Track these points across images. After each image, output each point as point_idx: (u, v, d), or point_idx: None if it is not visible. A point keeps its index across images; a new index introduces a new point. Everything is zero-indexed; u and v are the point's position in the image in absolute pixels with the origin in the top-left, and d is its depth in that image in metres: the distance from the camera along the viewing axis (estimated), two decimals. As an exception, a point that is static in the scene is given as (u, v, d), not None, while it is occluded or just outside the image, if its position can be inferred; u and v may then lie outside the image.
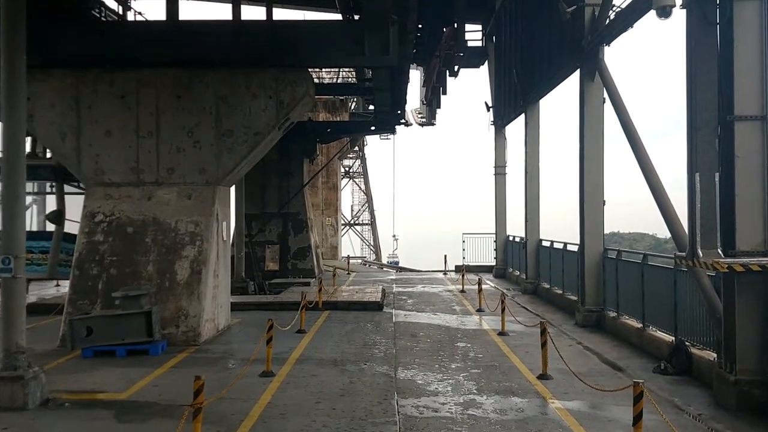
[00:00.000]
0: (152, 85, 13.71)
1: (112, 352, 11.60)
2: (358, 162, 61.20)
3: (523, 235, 22.58)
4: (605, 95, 14.17)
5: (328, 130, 27.61)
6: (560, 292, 17.79)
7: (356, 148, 57.79)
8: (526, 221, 20.88)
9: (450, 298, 19.56)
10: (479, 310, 16.78)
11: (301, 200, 26.86)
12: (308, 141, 27.32)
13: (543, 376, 9.82)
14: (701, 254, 8.43)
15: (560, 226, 27.88)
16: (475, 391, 9.18)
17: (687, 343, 10.45)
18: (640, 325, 12.30)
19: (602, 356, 11.57)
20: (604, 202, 14.61)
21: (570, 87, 21.08)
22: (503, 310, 13.70)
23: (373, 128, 27.73)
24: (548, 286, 19.16)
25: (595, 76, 14.18)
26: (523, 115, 21.38)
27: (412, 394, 9.05)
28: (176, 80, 13.71)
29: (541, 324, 10.00)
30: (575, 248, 17.03)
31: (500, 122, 25.92)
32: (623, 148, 12.55)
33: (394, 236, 53.30)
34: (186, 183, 13.52)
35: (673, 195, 11.16)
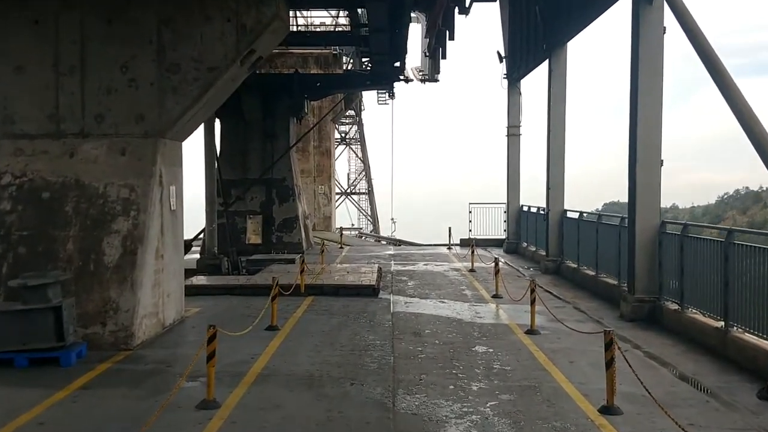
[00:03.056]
0: (76, 7, 10.39)
1: (10, 361, 8.53)
2: (355, 128, 57.80)
3: (541, 205, 19.50)
4: (666, 23, 10.99)
5: (318, 84, 24.26)
6: (592, 273, 14.70)
7: (352, 112, 54.44)
8: (548, 189, 17.69)
9: (458, 280, 16.49)
10: (496, 297, 13.70)
11: (287, 164, 23.65)
12: (295, 97, 23.99)
13: (608, 409, 6.75)
14: None
15: (578, 194, 24.70)
16: (513, 438, 6.12)
17: (805, 357, 7.39)
18: (719, 324, 9.21)
19: (675, 368, 8.51)
20: (661, 162, 11.43)
21: (601, 24, 17.43)
22: (533, 302, 10.57)
23: (369, 83, 24.40)
24: (575, 266, 16.07)
25: (656, -4, 10.90)
26: (546, 63, 18.02)
27: (419, 443, 5.99)
28: (107, -1, 10.40)
29: (606, 334, 6.86)
30: (614, 221, 14.01)
31: (515, 75, 22.56)
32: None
33: (392, 219, 50.24)
34: (119, 134, 10.29)
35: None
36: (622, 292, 12.12)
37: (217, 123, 23.86)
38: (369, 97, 57.60)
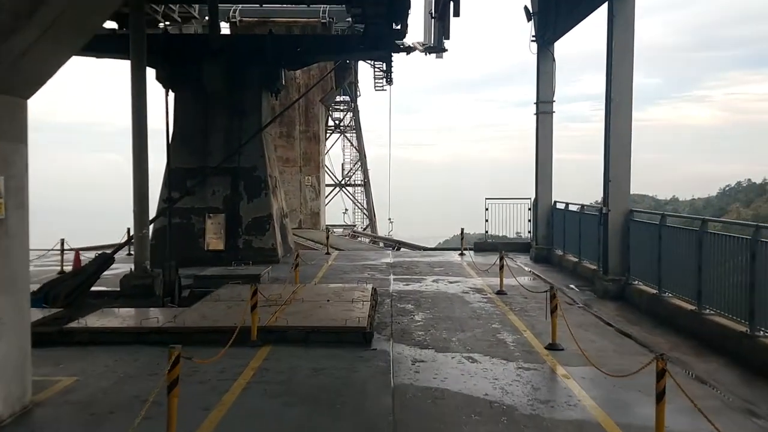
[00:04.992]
0: None
1: None
2: (350, 115, 52.87)
3: (584, 201, 14.88)
4: None
5: (299, 49, 19.28)
6: (691, 307, 9.87)
7: (347, 98, 49.62)
8: (607, 180, 12.82)
9: (485, 310, 11.63)
10: (552, 348, 8.86)
11: (258, 149, 18.76)
12: (269, 65, 19.09)
13: None
14: None
15: (571, 185, 19.55)
16: None
17: None
18: None
19: None
20: None
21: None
22: (662, 395, 5.65)
23: (362, 47, 19.43)
24: (654, 291, 11.21)
25: None
26: (602, 11, 13.20)
27: None
28: None
29: None
30: (721, 229, 9.23)
31: (548, 35, 17.71)
32: None
33: (389, 219, 45.78)
34: None
35: None
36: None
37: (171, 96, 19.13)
38: (365, 83, 52.94)
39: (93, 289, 12.70)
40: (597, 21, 20.42)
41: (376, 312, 11.04)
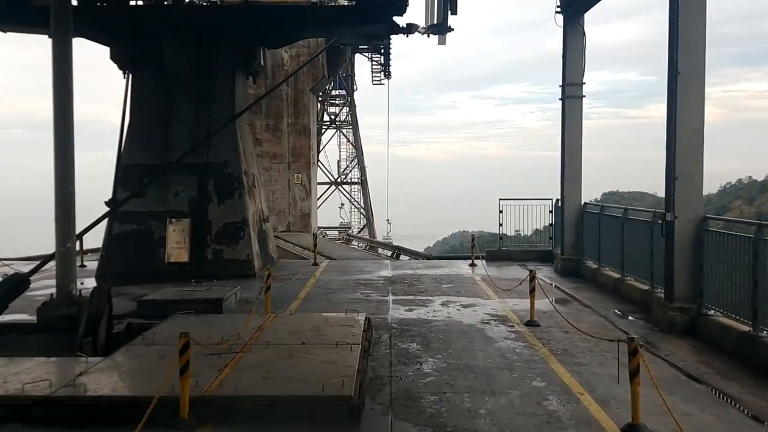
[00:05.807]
0: None
1: None
2: (346, 109, 49.86)
3: (637, 206, 11.86)
4: None
5: (278, 22, 16.25)
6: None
7: (343, 91, 46.63)
8: (670, 178, 9.80)
9: (516, 352, 8.63)
10: (632, 430, 5.89)
11: (231, 142, 15.75)
12: (245, 42, 16.13)
13: None
14: None
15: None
16: None
17: None
18: None
19: None
20: None
21: None
22: None
23: (354, 21, 16.43)
24: (747, 329, 8.21)
25: None
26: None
27: None
28: None
29: None
30: None
31: (578, 3, 14.75)
32: None
33: (387, 220, 43.13)
34: None
35: None
36: None
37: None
38: (362, 79, 50.50)
39: (1, 320, 9.82)
40: (596, 17, 17.35)
41: (369, 359, 8.07)
